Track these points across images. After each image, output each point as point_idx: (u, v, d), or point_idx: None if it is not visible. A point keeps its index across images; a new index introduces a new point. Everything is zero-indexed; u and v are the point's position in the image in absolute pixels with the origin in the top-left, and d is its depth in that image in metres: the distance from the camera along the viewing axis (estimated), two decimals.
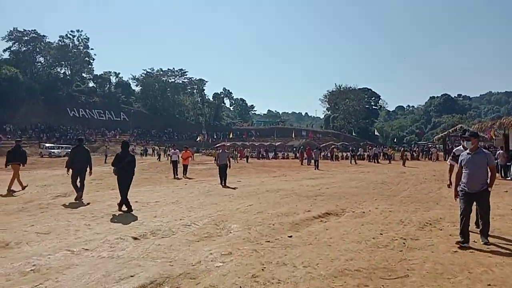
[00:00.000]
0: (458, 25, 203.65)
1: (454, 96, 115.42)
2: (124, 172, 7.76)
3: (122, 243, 5.13)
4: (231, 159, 15.84)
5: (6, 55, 63.19)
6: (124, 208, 7.64)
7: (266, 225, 6.31)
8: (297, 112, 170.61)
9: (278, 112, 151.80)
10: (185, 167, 17.03)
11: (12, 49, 63.51)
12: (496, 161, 15.57)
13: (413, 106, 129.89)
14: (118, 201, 7.82)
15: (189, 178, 16.00)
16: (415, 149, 35.54)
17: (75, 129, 59.54)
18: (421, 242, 5.24)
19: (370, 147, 33.38)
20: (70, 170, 9.11)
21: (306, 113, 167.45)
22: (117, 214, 7.33)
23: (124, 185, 7.68)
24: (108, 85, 77.47)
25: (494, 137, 30.83)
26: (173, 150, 18.20)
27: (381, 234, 5.71)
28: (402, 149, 29.46)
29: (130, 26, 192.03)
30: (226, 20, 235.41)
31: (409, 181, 14.67)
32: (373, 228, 6.15)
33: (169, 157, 27.25)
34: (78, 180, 9.21)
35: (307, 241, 5.27)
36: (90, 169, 9.29)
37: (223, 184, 12.52)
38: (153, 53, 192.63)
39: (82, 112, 64.73)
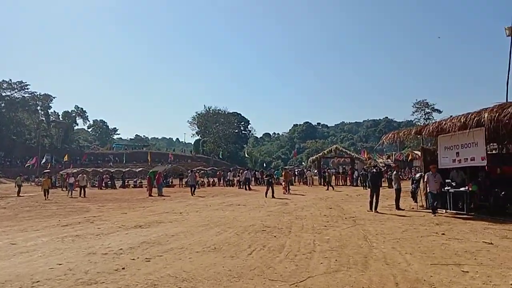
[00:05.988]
0: (315, 56, 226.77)
1: (315, 124, 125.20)
2: None
3: None
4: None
5: None
6: None
7: None
8: (168, 137, 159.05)
9: (147, 137, 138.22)
10: None
11: None
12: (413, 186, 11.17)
13: (278, 133, 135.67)
14: None
15: None
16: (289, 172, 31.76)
17: None
18: None
19: (241, 171, 27.75)
20: None
21: (178, 138, 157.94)
22: None
23: None
24: None
25: (368, 159, 29.85)
26: None
27: None
28: (284, 171, 23.17)
29: None
30: (84, 31, 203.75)
31: (303, 223, 8.78)
32: None
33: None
34: None
35: None
36: None
37: None
38: None
39: None
